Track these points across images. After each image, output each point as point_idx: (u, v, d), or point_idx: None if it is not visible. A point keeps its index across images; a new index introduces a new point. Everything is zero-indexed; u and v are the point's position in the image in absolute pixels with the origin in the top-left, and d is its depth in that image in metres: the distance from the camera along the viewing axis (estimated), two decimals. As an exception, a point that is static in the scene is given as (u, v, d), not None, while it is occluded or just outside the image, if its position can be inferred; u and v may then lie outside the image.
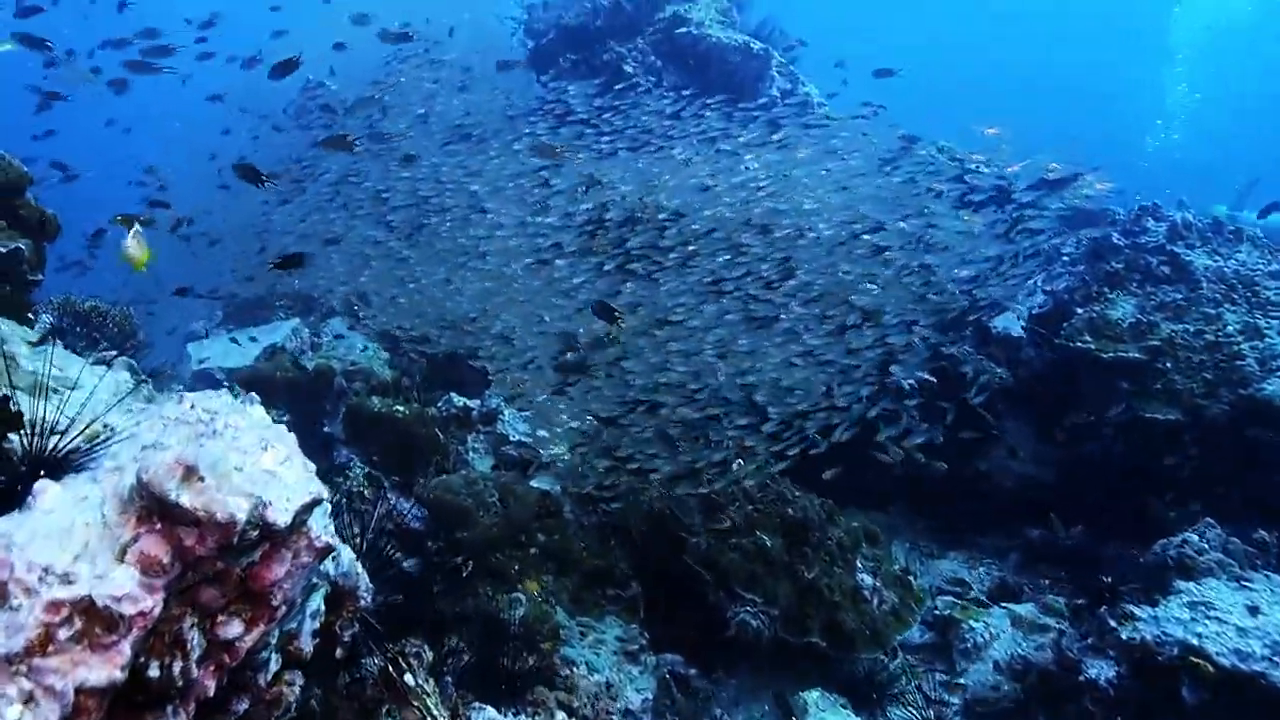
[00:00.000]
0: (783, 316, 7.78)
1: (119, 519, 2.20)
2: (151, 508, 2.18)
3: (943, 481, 8.96)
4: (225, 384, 10.17)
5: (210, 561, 2.24)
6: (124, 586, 2.06)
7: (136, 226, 4.13)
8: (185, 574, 2.22)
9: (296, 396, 8.39)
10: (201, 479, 2.18)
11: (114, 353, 4.51)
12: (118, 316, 7.08)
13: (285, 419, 8.56)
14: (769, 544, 6.90)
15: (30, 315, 6.26)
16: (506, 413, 8.43)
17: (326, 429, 8.22)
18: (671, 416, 7.27)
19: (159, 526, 2.18)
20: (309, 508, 2.46)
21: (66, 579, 2.02)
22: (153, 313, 11.21)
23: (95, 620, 2.02)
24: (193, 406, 2.73)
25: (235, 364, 10.11)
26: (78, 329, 6.66)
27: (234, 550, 2.27)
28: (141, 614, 2.08)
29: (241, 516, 2.19)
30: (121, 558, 2.12)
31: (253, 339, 10.60)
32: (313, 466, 2.72)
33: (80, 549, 2.11)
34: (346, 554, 3.31)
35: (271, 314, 12.40)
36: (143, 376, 4.54)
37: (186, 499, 2.14)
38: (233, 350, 10.64)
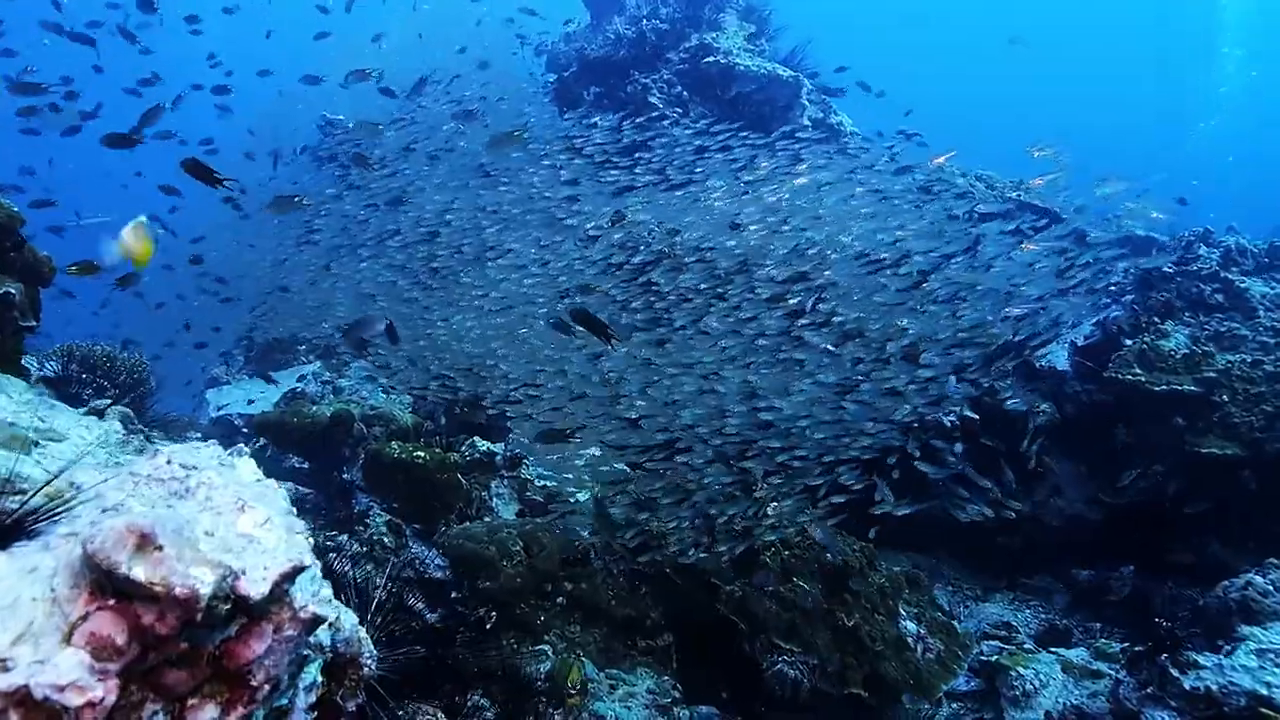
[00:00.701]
0: (823, 355, 7.52)
1: (70, 593, 1.92)
2: (103, 582, 1.90)
3: (985, 523, 8.63)
4: (243, 431, 9.96)
5: (173, 641, 1.95)
6: (69, 673, 1.78)
7: (140, 218, 3.88)
8: (146, 655, 1.93)
9: (314, 443, 8.14)
10: (159, 548, 1.89)
11: (107, 402, 4.27)
12: (128, 363, 6.86)
13: (305, 466, 8.35)
14: (807, 591, 6.55)
15: (30, 364, 6.06)
16: (531, 457, 8.15)
17: (346, 476, 7.96)
18: (693, 464, 6.98)
19: (113, 602, 1.89)
20: (290, 576, 2.17)
21: (2, 666, 1.75)
22: (159, 356, 11.02)
23: (35, 713, 1.74)
24: (169, 462, 2.46)
25: (254, 410, 9.91)
26: (84, 376, 6.44)
27: (202, 626, 1.98)
28: (90, 704, 1.79)
29: (205, 590, 1.91)
30: (69, 639, 1.85)
31: (273, 383, 10.41)
32: (301, 526, 2.44)
33: (24, 629, 1.84)
34: (348, 619, 3.02)
35: (294, 358, 12.21)
36: (138, 427, 4.31)
37: (140, 571, 1.85)
38: (252, 395, 10.45)
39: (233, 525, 2.19)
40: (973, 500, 8.21)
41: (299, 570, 2.19)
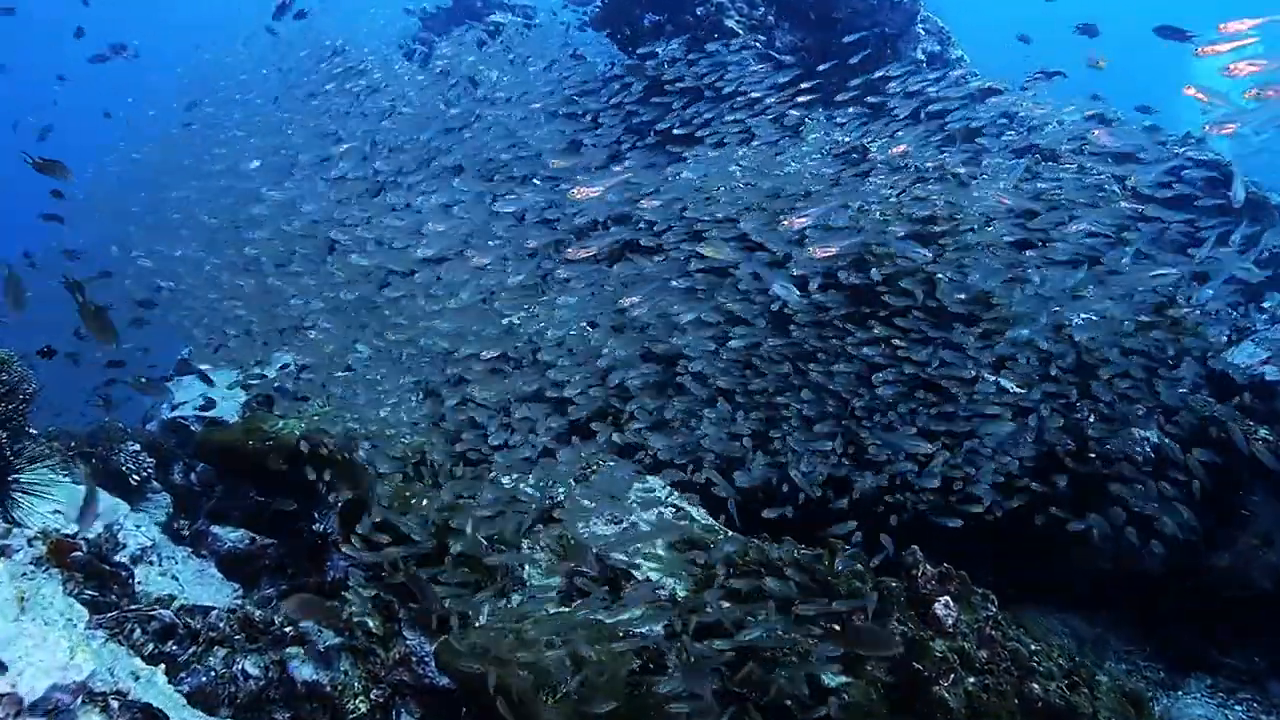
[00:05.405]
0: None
1: None
2: None
3: (1164, 580, 6.95)
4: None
5: None
6: None
7: None
8: None
9: (275, 472, 5.86)
10: None
11: None
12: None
13: (267, 503, 6.14)
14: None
15: None
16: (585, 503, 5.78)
17: (319, 525, 5.67)
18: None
19: None
20: None
21: None
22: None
23: None
24: None
25: (215, 412, 7.70)
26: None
27: None
28: None
29: None
30: None
31: (245, 376, 8.12)
32: None
33: None
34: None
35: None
36: None
37: None
38: (217, 390, 8.10)
39: None
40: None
41: None
